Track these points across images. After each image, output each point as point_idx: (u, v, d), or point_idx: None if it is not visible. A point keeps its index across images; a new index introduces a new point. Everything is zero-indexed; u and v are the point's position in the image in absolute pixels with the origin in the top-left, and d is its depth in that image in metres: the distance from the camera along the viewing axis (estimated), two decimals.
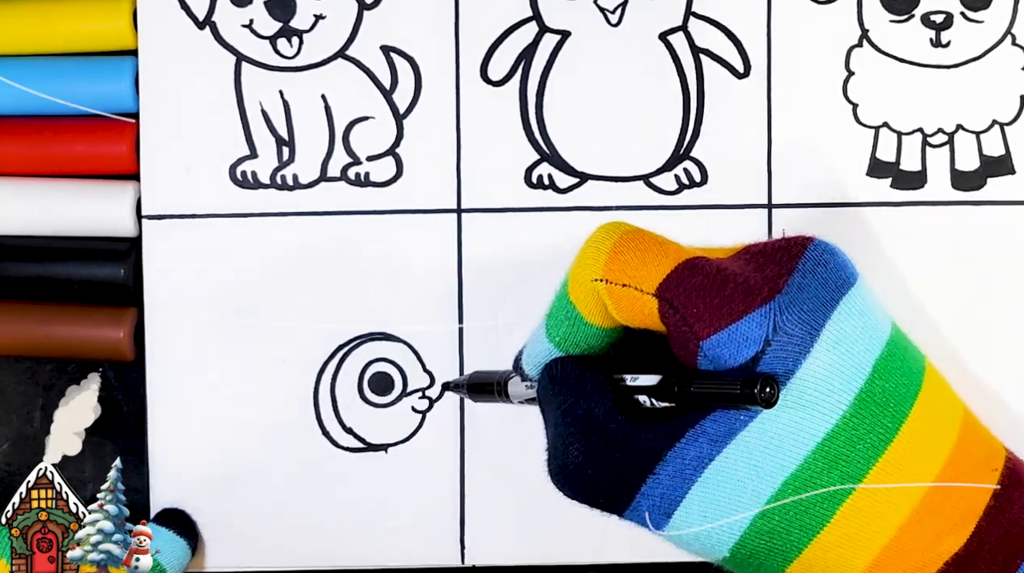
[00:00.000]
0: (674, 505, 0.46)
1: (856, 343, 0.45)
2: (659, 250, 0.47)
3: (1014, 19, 0.60)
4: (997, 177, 0.60)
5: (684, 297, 0.45)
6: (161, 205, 0.61)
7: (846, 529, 0.45)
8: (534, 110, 0.61)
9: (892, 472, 0.45)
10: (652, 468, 0.46)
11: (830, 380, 0.45)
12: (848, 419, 0.45)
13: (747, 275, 0.46)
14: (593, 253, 0.47)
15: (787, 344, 0.44)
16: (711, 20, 0.61)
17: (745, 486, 0.45)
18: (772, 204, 0.61)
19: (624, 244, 0.47)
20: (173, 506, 0.62)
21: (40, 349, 0.61)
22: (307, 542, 0.62)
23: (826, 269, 0.46)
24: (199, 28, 0.61)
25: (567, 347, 0.49)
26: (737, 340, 0.45)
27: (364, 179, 0.61)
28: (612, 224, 0.48)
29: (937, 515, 0.45)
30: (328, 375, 0.62)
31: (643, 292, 0.46)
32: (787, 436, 0.45)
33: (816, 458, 0.45)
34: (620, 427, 0.46)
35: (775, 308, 0.45)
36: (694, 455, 0.45)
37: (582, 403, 0.47)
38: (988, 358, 0.60)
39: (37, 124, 0.61)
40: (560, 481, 0.48)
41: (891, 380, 0.46)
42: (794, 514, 0.45)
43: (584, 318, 0.48)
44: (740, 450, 0.45)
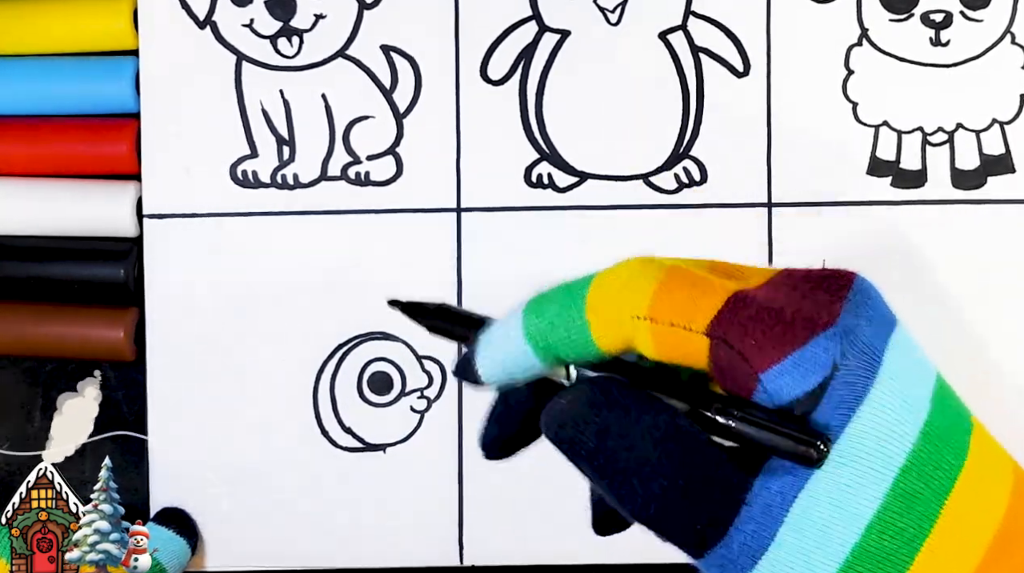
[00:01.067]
0: (763, 548, 0.43)
1: (912, 376, 0.44)
2: (707, 286, 0.44)
3: (1013, 18, 0.60)
4: (997, 176, 0.60)
5: (739, 331, 0.43)
6: (162, 204, 0.61)
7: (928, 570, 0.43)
8: (534, 109, 0.61)
9: (961, 512, 0.44)
10: (743, 496, 0.42)
11: (897, 412, 0.43)
12: (917, 453, 0.43)
13: (797, 302, 0.45)
14: (637, 288, 0.45)
15: (855, 369, 0.43)
16: (710, 19, 0.61)
17: (830, 530, 0.42)
18: (772, 203, 0.61)
19: (671, 282, 0.44)
20: (173, 505, 0.62)
21: (40, 349, 0.61)
22: (306, 541, 0.62)
23: (872, 303, 0.45)
24: (200, 28, 0.61)
25: (550, 355, 0.45)
26: (803, 366, 0.42)
27: (364, 178, 0.61)
28: (646, 259, 0.45)
29: (1011, 556, 0.44)
30: (327, 375, 0.62)
31: (693, 331, 0.45)
32: (865, 471, 0.42)
33: (894, 496, 0.43)
34: (710, 446, 0.43)
35: (840, 331, 0.42)
36: (779, 488, 0.42)
37: (660, 416, 0.43)
38: (988, 356, 0.60)
39: (37, 124, 0.61)
40: (648, 511, 0.43)
41: (948, 415, 0.44)
42: (877, 562, 0.42)
43: (592, 339, 0.45)
44: (821, 486, 0.42)
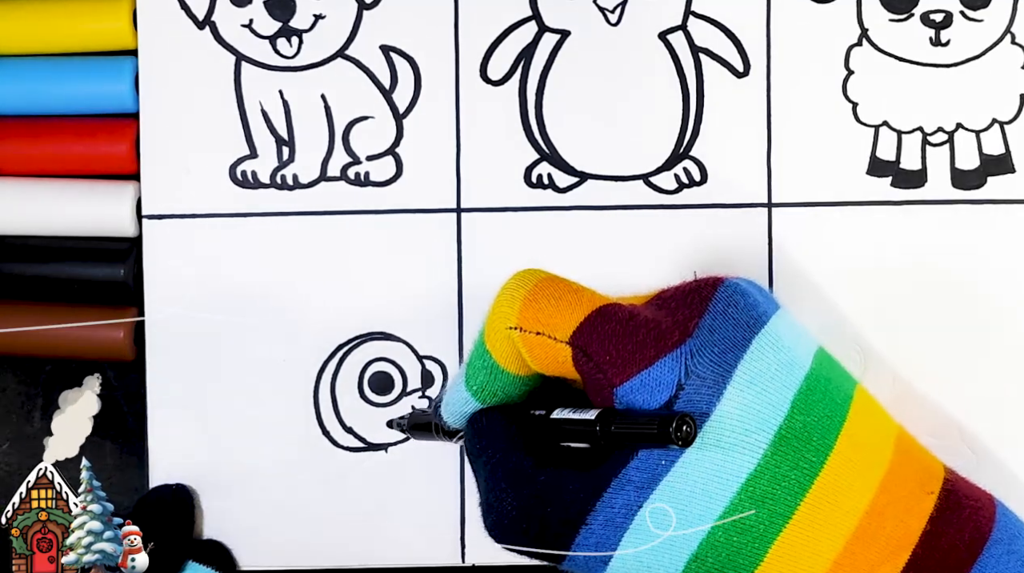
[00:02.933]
0: (610, 552, 0.46)
1: (772, 381, 0.45)
2: (573, 298, 0.47)
3: (1013, 18, 0.60)
4: (997, 176, 0.60)
5: (597, 344, 0.46)
6: (161, 205, 0.61)
7: (779, 567, 0.45)
8: (534, 109, 0.61)
9: (822, 506, 0.45)
10: (584, 519, 0.46)
11: (746, 420, 0.45)
12: (770, 458, 0.45)
13: (659, 320, 0.46)
14: (508, 301, 0.48)
15: (700, 387, 0.45)
16: (710, 19, 0.61)
17: (675, 534, 0.45)
18: (772, 203, 0.61)
19: (538, 292, 0.48)
20: (212, 538, 0.62)
21: (40, 349, 0.61)
22: (307, 541, 0.62)
23: (737, 309, 0.47)
24: (199, 28, 0.61)
25: (484, 396, 0.49)
26: (650, 385, 0.45)
27: (364, 179, 0.61)
28: (527, 271, 0.49)
29: (871, 545, 0.45)
30: (328, 375, 0.62)
31: (556, 340, 0.47)
32: (710, 479, 0.45)
33: (742, 499, 0.45)
34: (549, 478, 0.47)
35: (686, 352, 0.45)
36: (622, 503, 0.45)
37: (511, 456, 0.48)
38: (988, 357, 0.60)
39: (36, 124, 0.61)
40: (497, 534, 0.48)
41: (812, 414, 0.46)
42: (727, 556, 0.45)
43: (501, 366, 0.49)
44: (666, 496, 0.45)
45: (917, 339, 0.60)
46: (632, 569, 0.46)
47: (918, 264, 0.60)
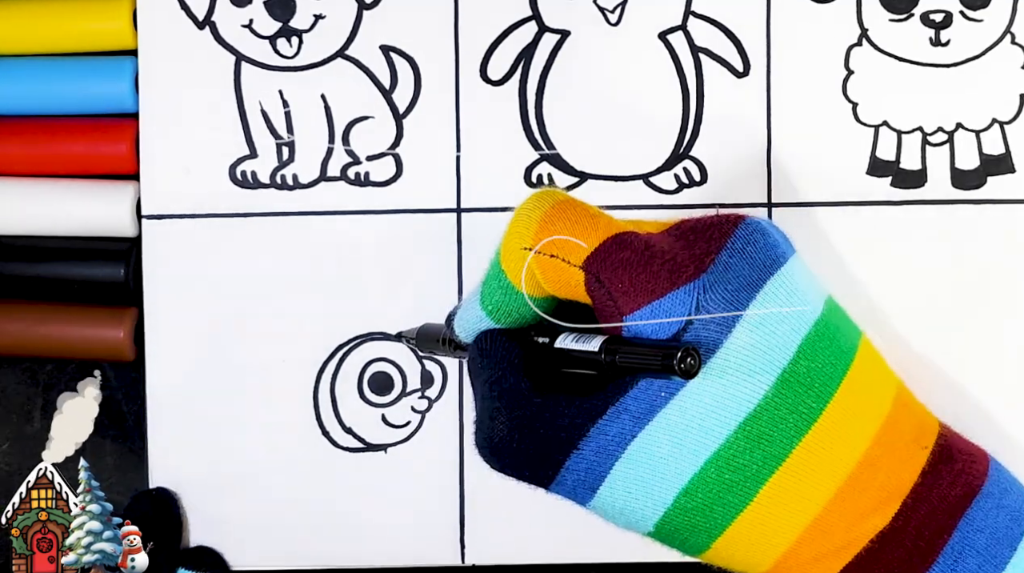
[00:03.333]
0: (599, 480, 0.46)
1: (781, 323, 0.46)
2: (589, 222, 0.47)
3: (1013, 18, 0.60)
4: (997, 176, 0.60)
5: (610, 271, 0.46)
6: (161, 205, 0.61)
7: (769, 508, 0.46)
8: (534, 109, 0.61)
9: (816, 452, 0.45)
10: (576, 444, 0.46)
11: (751, 360, 0.45)
12: (770, 399, 0.45)
13: (675, 252, 0.46)
14: (524, 222, 0.48)
15: (709, 323, 0.45)
16: (710, 19, 0.61)
17: (668, 464, 0.45)
18: (772, 203, 0.61)
19: (554, 214, 0.47)
20: (204, 544, 0.62)
21: (40, 349, 0.61)
22: (307, 542, 0.62)
23: (755, 249, 0.47)
24: (199, 28, 0.61)
25: (499, 316, 0.49)
26: (660, 316, 0.45)
27: (364, 179, 0.61)
28: (544, 193, 0.49)
29: (862, 494, 0.46)
30: (328, 375, 0.62)
31: (571, 264, 0.47)
32: (708, 415, 0.45)
33: (738, 437, 0.45)
34: (546, 402, 0.47)
35: (699, 286, 0.45)
36: (616, 432, 0.45)
37: (509, 377, 0.47)
38: (987, 357, 0.60)
39: (37, 124, 0.61)
40: (486, 453, 0.48)
41: (817, 360, 0.46)
42: (717, 492, 0.45)
43: (515, 287, 0.48)
44: (662, 428, 0.45)
45: (917, 338, 0.60)
46: (620, 500, 0.46)
47: (918, 264, 0.60)
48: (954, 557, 0.46)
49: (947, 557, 0.46)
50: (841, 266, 0.60)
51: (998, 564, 0.46)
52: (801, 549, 0.46)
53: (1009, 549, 0.46)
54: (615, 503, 0.46)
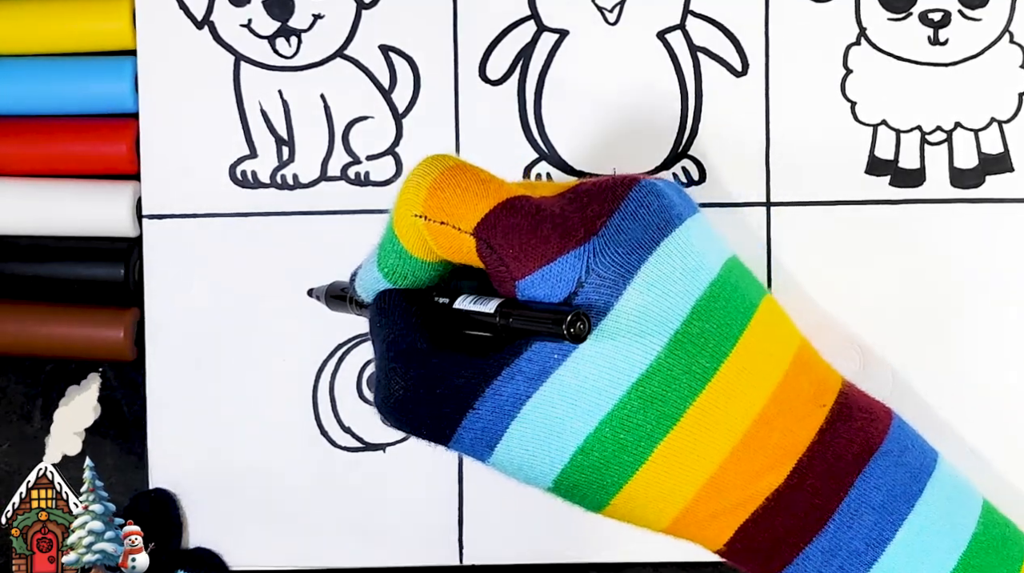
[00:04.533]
0: (495, 439, 0.46)
1: (674, 284, 0.46)
2: (480, 188, 0.47)
3: (1011, 17, 0.60)
4: (996, 174, 0.60)
5: (501, 237, 0.46)
6: (161, 205, 0.61)
7: (665, 466, 0.46)
8: (532, 109, 0.61)
9: (710, 411, 0.45)
10: (472, 403, 0.46)
11: (642, 321, 0.45)
12: (663, 360, 0.45)
13: (567, 215, 0.46)
14: (414, 187, 0.48)
15: (599, 286, 0.45)
16: (709, 19, 0.61)
17: (563, 423, 0.46)
18: (770, 202, 0.61)
19: (445, 180, 0.47)
20: (204, 545, 0.62)
21: (40, 349, 0.61)
22: (306, 541, 0.62)
23: (648, 211, 0.47)
24: (198, 28, 0.61)
25: (395, 279, 0.49)
26: (550, 280, 0.45)
27: (364, 178, 0.61)
28: (435, 158, 0.48)
29: (757, 452, 0.46)
30: (327, 374, 0.62)
31: (461, 230, 0.47)
32: (601, 375, 0.45)
33: (631, 398, 0.45)
34: (442, 362, 0.47)
35: (589, 250, 0.45)
36: (511, 392, 0.46)
37: (406, 336, 0.48)
38: (986, 354, 0.60)
39: (37, 124, 0.61)
40: (385, 412, 0.48)
41: (712, 321, 0.46)
42: (612, 451, 0.46)
43: (409, 252, 0.48)
44: (556, 389, 0.45)
45: (916, 338, 0.60)
46: (517, 457, 0.47)
47: (917, 263, 0.60)
48: (850, 514, 0.46)
49: (843, 514, 0.46)
50: (840, 265, 0.60)
51: (895, 520, 0.46)
52: (698, 507, 0.46)
53: (907, 505, 0.46)
54: (513, 460, 0.47)
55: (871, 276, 0.60)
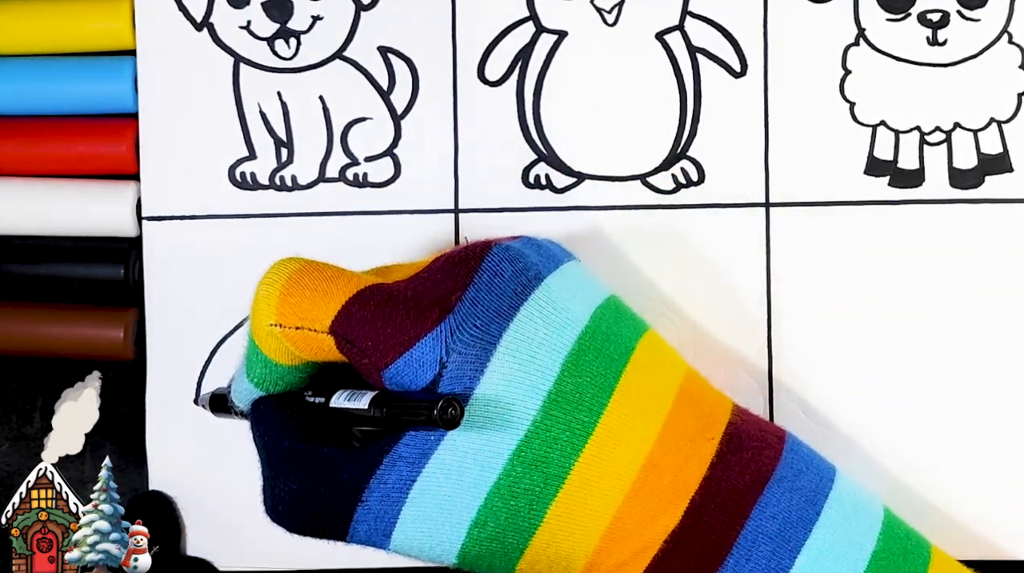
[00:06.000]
0: (390, 526, 0.47)
1: (540, 347, 0.46)
2: (328, 285, 0.47)
3: (1010, 17, 0.60)
4: (995, 175, 0.60)
5: (357, 330, 0.46)
6: (161, 206, 0.62)
7: (560, 525, 0.46)
8: (531, 110, 0.61)
9: (596, 465, 0.45)
10: (359, 496, 0.46)
11: (511, 390, 0.45)
12: (539, 423, 0.45)
13: (420, 297, 0.46)
14: (264, 298, 0.48)
15: (463, 363, 0.45)
16: (708, 19, 0.61)
17: (453, 501, 0.46)
18: (769, 203, 0.61)
19: (292, 285, 0.48)
20: (199, 555, 0.62)
21: (40, 349, 0.61)
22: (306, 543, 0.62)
23: (502, 279, 0.47)
24: (197, 30, 0.61)
25: (267, 386, 0.50)
26: (413, 366, 0.45)
27: (362, 180, 0.62)
28: (280, 263, 0.49)
29: (649, 497, 0.46)
30: None
31: (317, 331, 0.47)
32: (480, 449, 0.45)
33: (514, 465, 0.45)
34: (322, 460, 0.47)
35: (445, 330, 0.45)
36: (395, 479, 0.46)
37: (283, 440, 0.48)
38: (987, 356, 0.60)
39: (37, 124, 0.61)
40: (276, 517, 0.49)
41: (584, 375, 0.46)
42: (506, 519, 0.46)
43: (273, 361, 0.49)
44: (439, 469, 0.45)
45: (915, 338, 0.60)
46: (415, 540, 0.47)
47: (916, 264, 0.60)
48: (747, 547, 0.46)
49: (740, 548, 0.46)
50: (839, 266, 0.60)
51: (793, 548, 0.46)
52: (600, 559, 0.46)
53: (803, 532, 0.46)
54: (412, 544, 0.47)
55: (870, 277, 0.60)
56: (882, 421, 0.60)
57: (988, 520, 0.59)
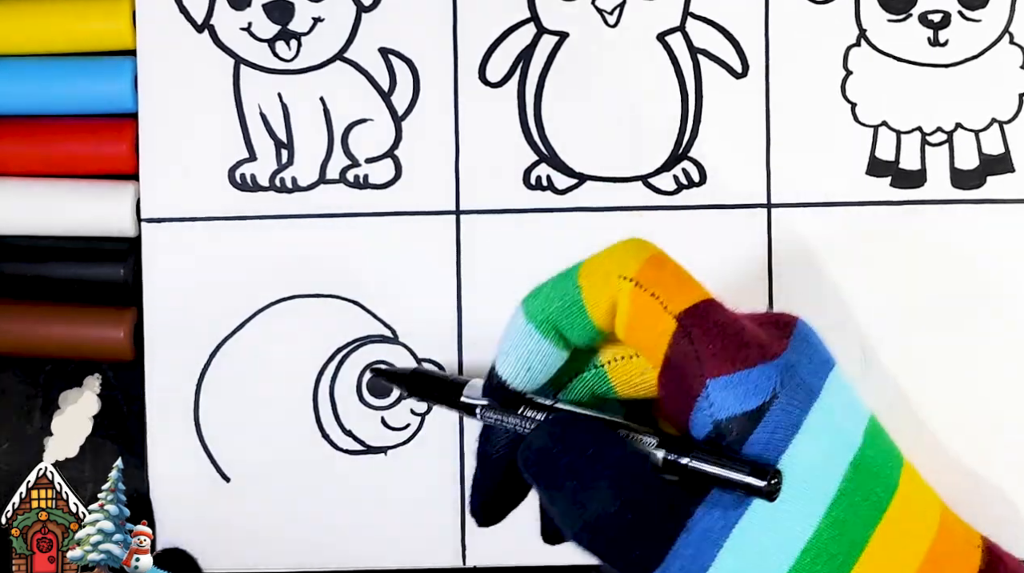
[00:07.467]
0: (703, 570, 0.44)
1: (846, 412, 0.45)
2: (689, 279, 0.46)
3: (1011, 18, 0.60)
4: (997, 175, 0.60)
5: (703, 330, 0.44)
6: (160, 208, 0.62)
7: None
8: (532, 111, 0.61)
9: (890, 541, 0.44)
10: (684, 523, 0.44)
11: (830, 443, 0.44)
12: (847, 484, 0.44)
13: (755, 330, 0.45)
14: (633, 251, 0.46)
15: (792, 399, 0.44)
16: (709, 20, 0.61)
17: (768, 555, 0.43)
18: (771, 204, 0.61)
19: (664, 259, 0.46)
20: (174, 545, 0.62)
21: (40, 349, 0.61)
22: (307, 544, 0.62)
23: (815, 339, 0.47)
24: (197, 31, 0.61)
25: (546, 328, 0.46)
26: (747, 386, 0.44)
27: (363, 181, 0.61)
28: (646, 240, 0.47)
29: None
30: (327, 377, 0.62)
31: (667, 310, 0.45)
32: (800, 499, 0.44)
33: (825, 524, 0.44)
34: (652, 475, 0.44)
35: (782, 364, 0.44)
36: (719, 515, 0.44)
37: (612, 451, 0.45)
38: (988, 357, 0.60)
39: (37, 124, 0.62)
40: (587, 535, 0.45)
41: (879, 450, 0.45)
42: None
43: (583, 305, 0.46)
44: (759, 514, 0.43)
45: (917, 339, 0.60)
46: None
47: (918, 264, 0.60)
48: None
49: None
50: (840, 266, 0.60)
51: None
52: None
53: None
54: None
55: (871, 277, 0.60)
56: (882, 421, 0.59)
57: (987, 521, 0.59)
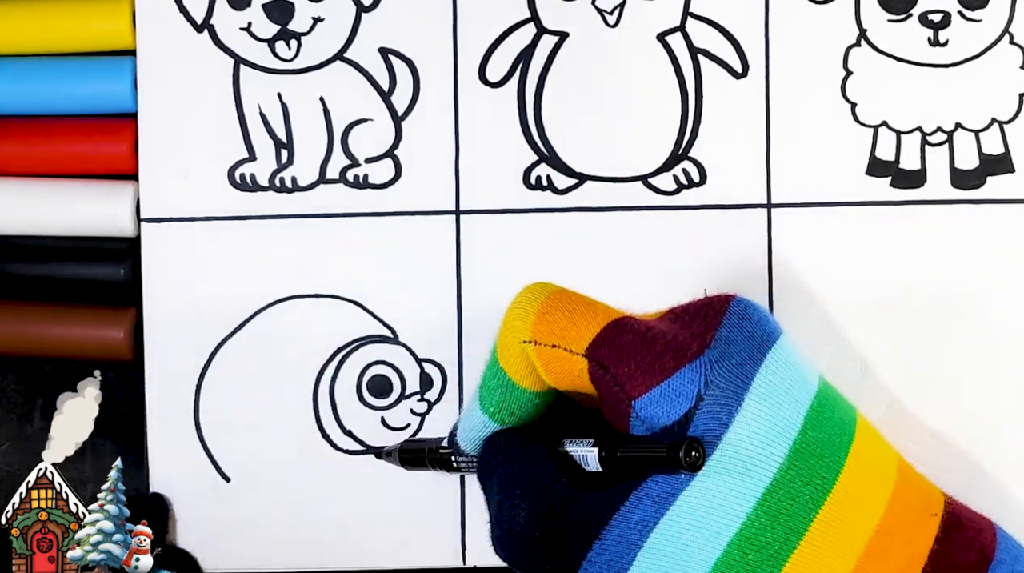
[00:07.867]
0: (622, 571, 0.45)
1: (786, 395, 0.45)
2: (587, 310, 0.47)
3: (1012, 18, 0.60)
4: (997, 175, 0.60)
5: (614, 356, 0.45)
6: (160, 208, 0.62)
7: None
8: (532, 111, 0.61)
9: (834, 523, 0.44)
10: (598, 533, 0.45)
11: (764, 433, 0.44)
12: (785, 471, 0.44)
13: (675, 333, 0.46)
14: (520, 314, 0.47)
15: (719, 397, 0.44)
16: (709, 20, 0.61)
17: (691, 550, 0.44)
18: (771, 204, 0.61)
19: (551, 304, 0.47)
20: (178, 545, 0.62)
21: (40, 349, 0.61)
22: (307, 544, 0.62)
23: (751, 323, 0.47)
24: (197, 31, 0.61)
25: (502, 416, 0.49)
26: (669, 396, 0.45)
27: (363, 181, 0.61)
28: (537, 285, 0.48)
29: (881, 565, 0.45)
30: (327, 377, 0.62)
31: (572, 352, 0.46)
32: (727, 494, 0.44)
33: (758, 514, 0.44)
34: (565, 490, 0.46)
35: (705, 362, 0.45)
36: (638, 519, 0.45)
37: (526, 469, 0.47)
38: (988, 357, 0.60)
39: (37, 124, 0.62)
40: (504, 545, 0.47)
41: (823, 431, 0.45)
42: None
43: (516, 383, 0.48)
44: (683, 511, 0.44)
45: (917, 339, 0.60)
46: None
47: (918, 264, 0.60)
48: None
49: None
50: (841, 266, 0.60)
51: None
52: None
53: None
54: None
55: (872, 278, 0.60)
56: (883, 420, 0.59)
57: None
